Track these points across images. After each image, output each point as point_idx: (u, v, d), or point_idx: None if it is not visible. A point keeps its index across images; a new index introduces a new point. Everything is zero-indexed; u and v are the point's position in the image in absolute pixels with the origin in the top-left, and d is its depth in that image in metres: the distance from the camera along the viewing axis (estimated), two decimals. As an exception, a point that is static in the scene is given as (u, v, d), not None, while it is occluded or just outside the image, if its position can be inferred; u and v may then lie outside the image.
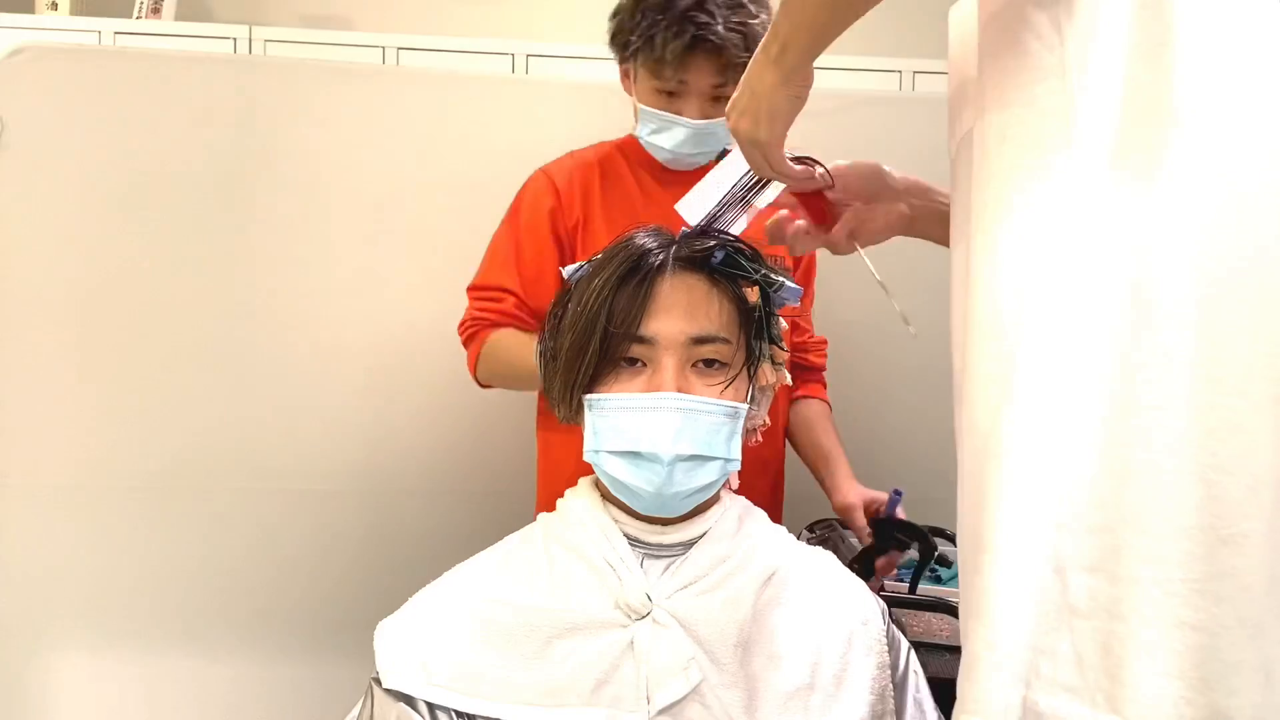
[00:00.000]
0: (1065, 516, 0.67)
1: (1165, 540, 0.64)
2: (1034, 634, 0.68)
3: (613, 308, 0.92)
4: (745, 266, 0.97)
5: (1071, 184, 0.69)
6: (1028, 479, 0.68)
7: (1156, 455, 0.65)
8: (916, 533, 1.30)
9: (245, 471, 1.66)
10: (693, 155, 1.38)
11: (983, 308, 0.74)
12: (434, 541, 1.50)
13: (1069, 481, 0.67)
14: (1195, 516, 0.64)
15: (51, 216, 1.62)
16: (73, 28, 2.59)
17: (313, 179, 1.68)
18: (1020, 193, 0.72)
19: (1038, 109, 0.72)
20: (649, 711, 0.88)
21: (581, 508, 0.98)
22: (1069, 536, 0.67)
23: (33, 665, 1.61)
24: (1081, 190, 0.69)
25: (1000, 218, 0.73)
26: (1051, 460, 0.68)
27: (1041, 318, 0.70)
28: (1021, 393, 0.69)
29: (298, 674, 1.65)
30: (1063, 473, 0.68)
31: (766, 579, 0.95)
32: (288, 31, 2.66)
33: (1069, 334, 0.69)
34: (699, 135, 1.35)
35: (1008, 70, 0.75)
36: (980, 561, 0.70)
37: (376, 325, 1.69)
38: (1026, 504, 0.68)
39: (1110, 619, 0.66)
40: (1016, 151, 0.73)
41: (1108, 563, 0.66)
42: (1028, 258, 0.71)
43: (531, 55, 2.49)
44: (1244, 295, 0.65)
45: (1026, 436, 0.69)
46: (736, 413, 0.94)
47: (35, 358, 1.61)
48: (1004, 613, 0.68)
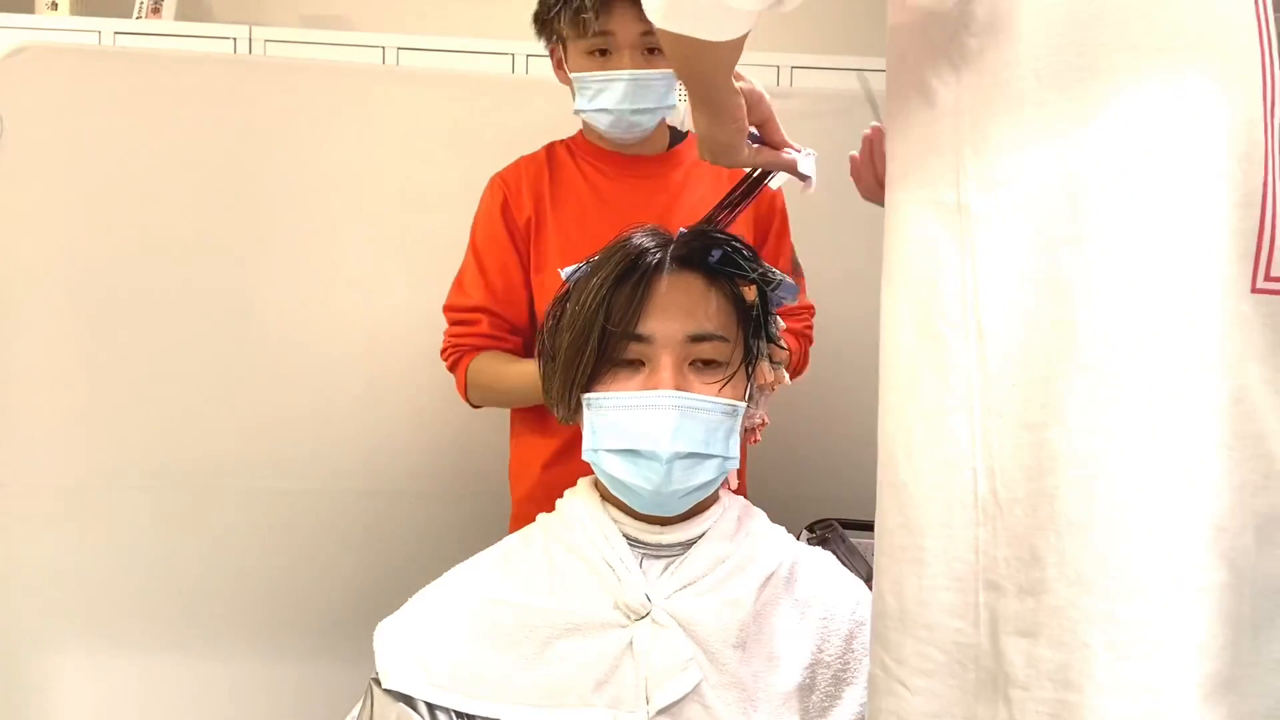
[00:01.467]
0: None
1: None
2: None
3: (610, 307, 0.93)
4: (743, 265, 0.97)
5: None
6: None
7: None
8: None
9: (245, 471, 1.66)
10: (635, 113, 1.35)
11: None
12: (434, 542, 1.50)
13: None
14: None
15: (51, 216, 1.62)
16: (73, 28, 2.59)
17: (313, 179, 1.67)
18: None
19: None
20: (648, 712, 0.88)
21: (581, 508, 0.98)
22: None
23: (33, 665, 1.61)
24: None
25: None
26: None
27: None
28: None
29: (298, 674, 1.65)
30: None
31: (766, 579, 0.95)
32: (288, 31, 2.66)
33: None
34: (637, 87, 1.33)
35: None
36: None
37: (376, 325, 1.68)
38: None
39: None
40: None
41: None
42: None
43: (531, 55, 2.48)
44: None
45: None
46: (734, 411, 0.94)
47: (34, 357, 1.61)
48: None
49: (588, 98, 1.37)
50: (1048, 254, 0.68)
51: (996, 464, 0.70)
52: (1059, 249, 0.68)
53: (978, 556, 0.71)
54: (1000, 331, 0.70)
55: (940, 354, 0.73)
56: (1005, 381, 0.70)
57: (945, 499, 0.72)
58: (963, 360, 0.71)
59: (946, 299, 0.72)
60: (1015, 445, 0.69)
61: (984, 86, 0.72)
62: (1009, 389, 0.69)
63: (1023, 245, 0.69)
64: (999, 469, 0.70)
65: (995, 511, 0.70)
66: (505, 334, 1.40)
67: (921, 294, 0.74)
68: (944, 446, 0.72)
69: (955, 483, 0.72)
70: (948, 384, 0.72)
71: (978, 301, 0.71)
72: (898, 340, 0.77)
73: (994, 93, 0.71)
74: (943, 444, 0.72)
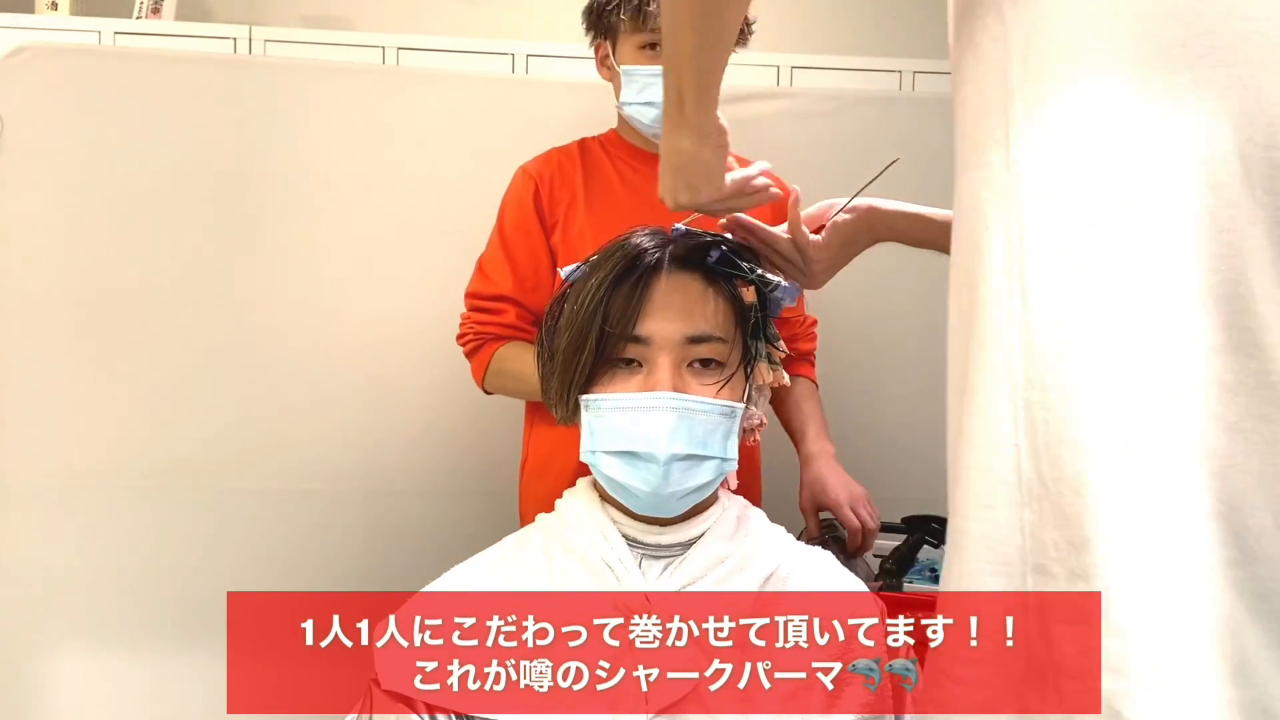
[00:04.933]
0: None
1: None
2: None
3: (608, 308, 0.93)
4: (741, 266, 0.97)
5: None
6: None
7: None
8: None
9: (246, 471, 1.66)
10: None
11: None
12: (434, 542, 1.50)
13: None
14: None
15: (51, 216, 1.62)
16: (73, 28, 2.59)
17: (313, 179, 1.67)
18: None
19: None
20: (648, 712, 0.88)
21: (580, 508, 0.98)
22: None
23: (33, 665, 1.61)
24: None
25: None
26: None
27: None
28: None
29: (297, 674, 1.65)
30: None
31: (765, 579, 0.95)
32: (288, 31, 2.66)
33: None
34: None
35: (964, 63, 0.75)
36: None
37: (376, 325, 1.69)
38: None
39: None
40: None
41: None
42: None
43: (531, 55, 2.48)
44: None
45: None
46: (733, 412, 0.94)
47: (33, 357, 1.61)
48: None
49: (635, 90, 1.39)
50: (1102, 213, 0.63)
51: (1040, 440, 0.65)
52: (1114, 209, 0.63)
53: (1024, 539, 0.66)
54: (1046, 297, 0.64)
55: (984, 324, 0.68)
56: (1050, 352, 0.64)
57: (987, 479, 0.68)
58: (1006, 330, 0.66)
59: (993, 265, 0.68)
60: (1060, 420, 0.64)
61: (1031, 33, 0.67)
62: (1054, 360, 0.64)
63: (1073, 202, 0.64)
64: (1043, 446, 0.65)
65: (1041, 492, 0.65)
66: (529, 325, 1.40)
67: (970, 262, 0.70)
68: (985, 422, 0.68)
69: (997, 461, 0.67)
70: (990, 357, 0.67)
71: (1023, 266, 0.66)
72: (951, 317, 0.73)
73: (1044, 40, 0.66)
74: (984, 419, 0.68)
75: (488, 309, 1.41)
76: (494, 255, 1.43)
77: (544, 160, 1.45)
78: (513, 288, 1.40)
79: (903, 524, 1.39)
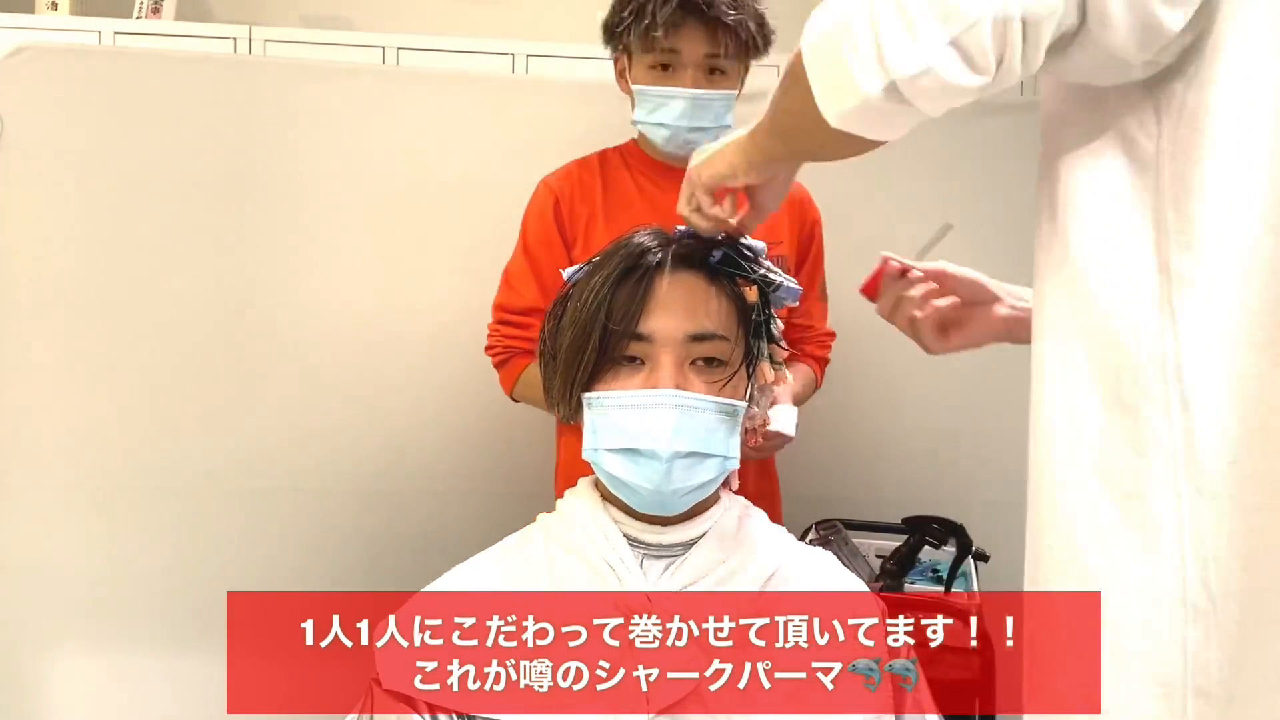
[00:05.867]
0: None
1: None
2: None
3: (611, 305, 0.93)
4: (744, 265, 0.97)
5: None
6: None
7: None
8: (953, 527, 1.30)
9: (248, 471, 1.66)
10: (692, 130, 1.38)
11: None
12: (434, 542, 1.49)
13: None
14: None
15: (51, 216, 1.62)
16: (73, 28, 2.59)
17: (313, 179, 1.67)
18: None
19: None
20: (648, 712, 0.88)
21: (581, 508, 0.98)
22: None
23: (33, 665, 1.61)
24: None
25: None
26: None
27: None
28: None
29: (298, 674, 1.65)
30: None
31: (766, 579, 0.95)
32: (288, 31, 2.66)
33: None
34: (697, 106, 1.36)
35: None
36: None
37: (377, 324, 1.69)
38: None
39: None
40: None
41: None
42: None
43: (531, 55, 2.48)
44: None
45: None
46: (735, 410, 0.94)
47: (34, 357, 1.61)
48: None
49: (647, 110, 1.39)
50: (1261, 317, 0.62)
51: (1209, 552, 0.62)
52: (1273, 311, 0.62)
53: (1186, 659, 0.64)
54: (1209, 404, 0.63)
55: (1135, 428, 0.65)
56: (1219, 459, 0.63)
57: (1149, 592, 0.65)
58: (1164, 435, 0.64)
59: (1143, 367, 0.65)
60: (1231, 531, 0.62)
61: (1185, 137, 0.65)
62: (1225, 466, 0.62)
63: (1232, 308, 0.63)
64: (1212, 558, 0.62)
65: (1208, 608, 0.63)
66: None
67: (1110, 358, 0.67)
68: (1145, 533, 0.65)
69: (1159, 574, 0.64)
70: (1148, 462, 0.65)
71: (1180, 371, 0.64)
72: (1075, 407, 0.69)
73: (1196, 141, 0.64)
74: (1144, 529, 0.65)
75: (515, 323, 1.42)
76: (519, 268, 1.44)
77: (564, 175, 1.46)
78: (539, 300, 1.41)
79: (903, 524, 1.39)
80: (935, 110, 0.65)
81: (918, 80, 0.62)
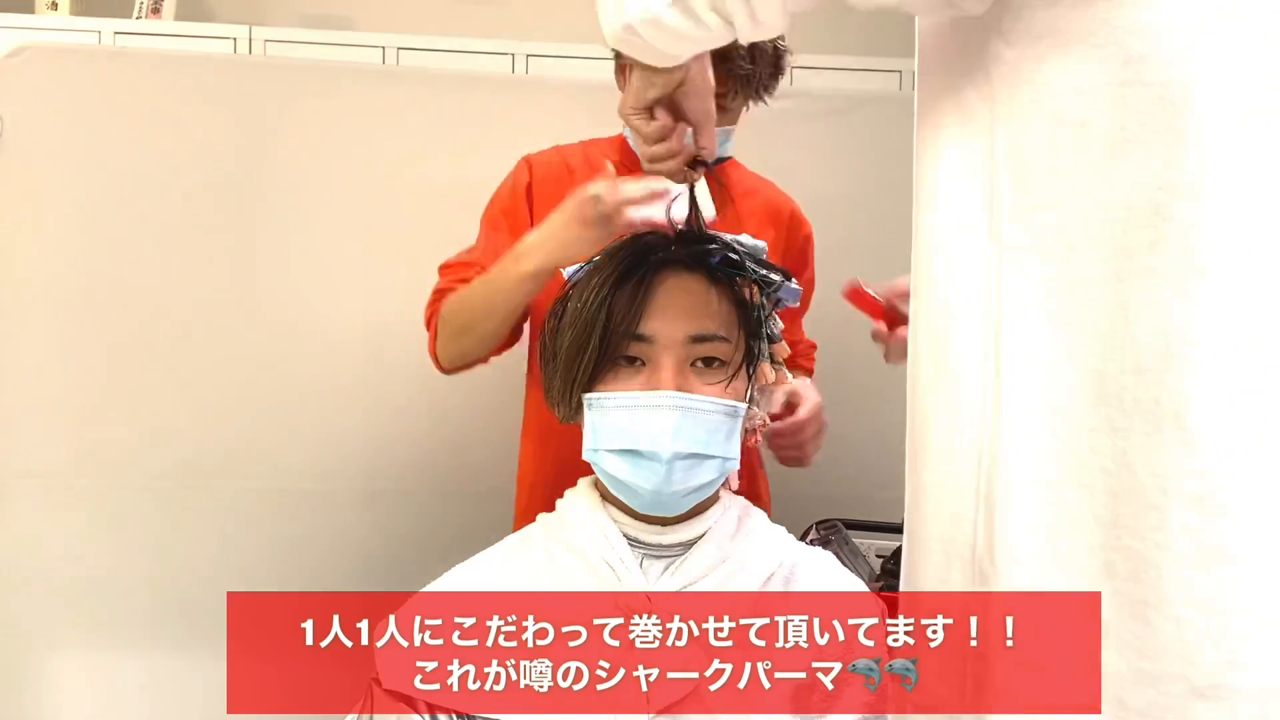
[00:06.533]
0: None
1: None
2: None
3: (612, 306, 0.93)
4: (744, 267, 0.97)
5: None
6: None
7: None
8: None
9: (246, 471, 1.66)
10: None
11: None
12: (434, 542, 1.50)
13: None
14: None
15: (51, 216, 1.62)
16: (73, 28, 2.58)
17: (313, 179, 1.67)
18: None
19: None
20: (648, 712, 0.88)
21: (581, 508, 0.98)
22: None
23: (33, 665, 1.61)
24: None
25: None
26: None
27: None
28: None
29: (298, 674, 1.65)
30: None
31: (766, 579, 0.95)
32: (288, 31, 2.66)
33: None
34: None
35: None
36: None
37: (376, 324, 1.68)
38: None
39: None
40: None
41: None
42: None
43: (531, 55, 2.48)
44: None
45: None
46: (735, 411, 0.94)
47: (34, 356, 1.61)
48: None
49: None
50: (1080, 294, 0.61)
51: (998, 521, 0.63)
52: (1095, 289, 0.60)
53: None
54: (1020, 376, 0.63)
55: (953, 392, 0.66)
56: (1019, 431, 0.62)
57: (944, 550, 0.67)
58: (977, 403, 0.65)
59: (967, 334, 0.66)
60: (1023, 502, 0.62)
61: (1022, 102, 0.64)
62: (1023, 439, 0.62)
63: (1055, 282, 0.62)
64: (999, 528, 0.63)
65: (992, 573, 0.64)
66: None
67: (940, 324, 0.68)
68: (949, 493, 0.67)
69: (956, 534, 0.66)
70: (959, 427, 0.66)
71: (999, 341, 0.64)
72: (915, 372, 0.71)
73: (1032, 110, 0.63)
74: (947, 490, 0.67)
75: (459, 276, 1.32)
76: (480, 234, 1.38)
77: (546, 157, 1.42)
78: (481, 257, 1.32)
79: (904, 524, 1.39)
80: (679, 50, 0.79)
81: (646, 25, 0.73)
